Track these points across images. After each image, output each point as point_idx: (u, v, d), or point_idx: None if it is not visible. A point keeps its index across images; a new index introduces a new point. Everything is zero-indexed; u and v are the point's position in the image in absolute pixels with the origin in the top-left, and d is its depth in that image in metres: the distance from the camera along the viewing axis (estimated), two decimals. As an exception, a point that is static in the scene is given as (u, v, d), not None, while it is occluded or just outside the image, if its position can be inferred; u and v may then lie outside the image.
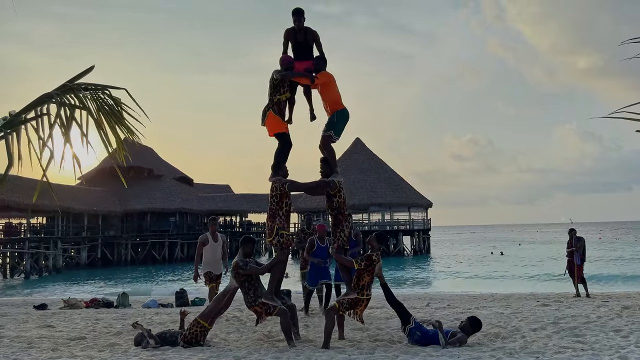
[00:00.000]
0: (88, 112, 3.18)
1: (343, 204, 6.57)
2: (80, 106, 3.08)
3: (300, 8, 6.73)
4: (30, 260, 36.61)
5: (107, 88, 3.36)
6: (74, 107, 3.03)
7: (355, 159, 52.58)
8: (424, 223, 51.83)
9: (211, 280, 9.10)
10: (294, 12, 6.70)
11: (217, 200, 55.90)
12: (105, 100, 3.40)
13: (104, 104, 3.38)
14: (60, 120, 2.97)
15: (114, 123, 3.40)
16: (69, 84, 3.14)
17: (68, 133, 2.97)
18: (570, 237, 13.95)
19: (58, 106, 2.96)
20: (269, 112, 6.61)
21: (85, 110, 3.09)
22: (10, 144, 2.97)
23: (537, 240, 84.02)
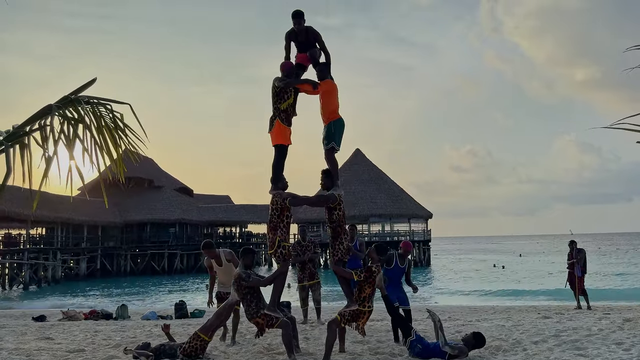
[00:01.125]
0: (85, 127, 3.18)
1: (343, 217, 6.56)
2: (79, 120, 3.08)
3: (300, 10, 6.67)
4: (29, 271, 36.50)
5: (110, 102, 3.34)
6: (76, 120, 3.04)
7: (355, 170, 52.64)
8: (424, 234, 51.77)
9: (221, 299, 8.62)
10: (294, 15, 6.67)
11: (217, 211, 55.83)
12: (105, 114, 3.39)
13: (103, 119, 3.37)
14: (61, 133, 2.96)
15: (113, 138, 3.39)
16: (71, 96, 3.15)
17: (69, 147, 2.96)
18: (571, 249, 13.90)
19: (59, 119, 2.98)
20: (276, 121, 6.56)
21: (83, 124, 3.08)
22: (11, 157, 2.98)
23: (537, 252, 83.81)
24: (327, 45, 6.89)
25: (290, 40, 6.88)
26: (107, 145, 3.36)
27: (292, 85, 6.62)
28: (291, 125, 6.69)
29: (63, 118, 3.00)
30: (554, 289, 23.78)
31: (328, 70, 6.77)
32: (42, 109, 3.01)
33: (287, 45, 6.90)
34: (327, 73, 6.75)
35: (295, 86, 6.69)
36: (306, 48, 6.84)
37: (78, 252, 44.33)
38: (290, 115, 6.66)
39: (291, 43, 6.90)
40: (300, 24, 6.66)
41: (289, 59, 6.89)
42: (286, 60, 6.82)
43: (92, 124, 3.21)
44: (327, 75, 6.73)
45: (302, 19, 6.65)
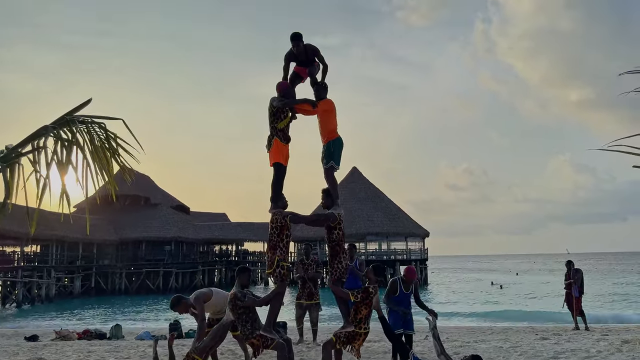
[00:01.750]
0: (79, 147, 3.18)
1: (342, 236, 6.54)
2: (73, 141, 3.08)
3: (299, 33, 6.76)
4: (23, 289, 36.13)
5: (104, 119, 3.33)
6: (70, 142, 3.03)
7: (352, 188, 52.66)
8: (421, 253, 51.60)
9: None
10: (292, 38, 6.75)
11: (213, 228, 55.61)
12: (99, 133, 3.37)
13: (97, 137, 3.34)
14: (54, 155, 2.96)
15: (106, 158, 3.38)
16: (67, 117, 3.14)
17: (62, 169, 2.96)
18: (568, 269, 13.86)
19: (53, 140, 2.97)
20: (274, 140, 6.59)
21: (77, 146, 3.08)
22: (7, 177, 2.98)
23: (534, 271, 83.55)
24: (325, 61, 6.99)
25: (289, 62, 6.95)
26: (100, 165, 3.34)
27: (290, 106, 6.67)
28: (289, 143, 6.70)
29: (58, 139, 2.99)
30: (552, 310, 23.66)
31: (325, 90, 6.83)
32: (37, 130, 3.00)
33: (285, 66, 6.97)
34: (325, 93, 6.81)
35: (294, 106, 6.74)
36: (307, 65, 6.93)
37: (72, 270, 43.95)
38: (287, 134, 6.68)
39: (290, 64, 6.97)
40: (299, 46, 6.74)
41: (286, 80, 6.95)
42: (283, 81, 6.88)
43: (85, 145, 3.20)
44: (325, 95, 6.78)
45: (300, 40, 6.74)
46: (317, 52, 6.88)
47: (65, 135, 3.11)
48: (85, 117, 3.29)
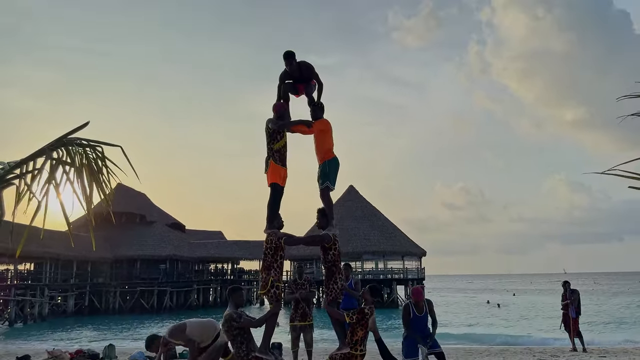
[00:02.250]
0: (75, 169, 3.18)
1: (338, 257, 6.51)
2: (70, 163, 3.08)
3: (291, 51, 6.75)
4: (16, 307, 35.73)
5: (102, 144, 3.33)
6: (66, 163, 3.03)
7: (349, 207, 52.62)
8: (417, 272, 51.34)
9: None
10: (285, 57, 6.75)
11: (209, 247, 55.31)
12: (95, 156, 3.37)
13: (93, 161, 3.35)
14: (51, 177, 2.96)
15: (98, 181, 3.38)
16: (64, 139, 3.14)
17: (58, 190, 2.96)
18: (565, 290, 13.82)
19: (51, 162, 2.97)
20: (270, 161, 6.60)
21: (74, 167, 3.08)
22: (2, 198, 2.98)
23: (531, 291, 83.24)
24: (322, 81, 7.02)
25: (284, 81, 6.96)
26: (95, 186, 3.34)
27: (286, 127, 6.68)
28: (286, 166, 6.69)
29: (56, 161, 2.99)
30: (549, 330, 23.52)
31: (321, 110, 6.85)
32: (35, 152, 3.00)
33: (280, 84, 6.98)
34: (321, 113, 6.83)
35: (290, 127, 6.75)
36: (301, 83, 6.96)
37: (66, 289, 43.51)
38: (284, 155, 6.67)
39: (285, 83, 7.00)
40: (292, 64, 6.75)
41: (281, 100, 6.98)
42: (279, 102, 6.90)
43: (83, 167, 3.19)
44: (321, 115, 6.80)
45: (293, 59, 6.74)
46: (311, 70, 6.88)
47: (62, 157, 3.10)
48: (83, 140, 3.29)
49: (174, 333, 6.86)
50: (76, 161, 3.13)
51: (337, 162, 6.74)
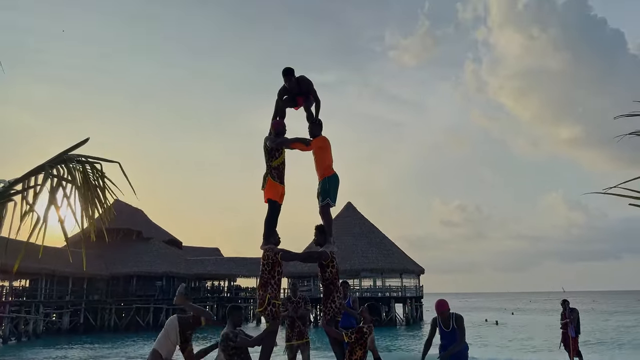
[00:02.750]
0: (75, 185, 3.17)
1: (336, 274, 6.45)
2: (69, 179, 3.07)
3: (290, 68, 6.78)
4: (10, 324, 35.35)
5: (100, 161, 3.32)
6: (66, 180, 3.03)
7: (347, 223, 52.52)
8: (416, 290, 51.07)
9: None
10: (284, 73, 6.78)
11: (206, 263, 54.99)
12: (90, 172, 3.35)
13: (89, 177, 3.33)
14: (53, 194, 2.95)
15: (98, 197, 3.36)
16: (63, 155, 3.14)
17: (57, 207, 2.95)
18: (564, 309, 13.74)
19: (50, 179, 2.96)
20: (268, 178, 6.59)
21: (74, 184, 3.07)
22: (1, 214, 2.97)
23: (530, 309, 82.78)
24: (321, 100, 7.03)
25: (282, 97, 6.98)
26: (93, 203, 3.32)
27: (284, 144, 6.68)
28: (284, 183, 6.66)
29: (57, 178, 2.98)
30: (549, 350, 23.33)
31: (320, 127, 6.87)
32: (34, 169, 2.99)
33: (279, 100, 6.98)
34: (320, 130, 6.84)
35: (288, 145, 6.76)
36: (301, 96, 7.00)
37: (61, 305, 43.09)
38: (282, 173, 6.66)
39: (284, 98, 7.02)
40: (291, 81, 6.78)
41: (278, 115, 6.98)
42: (278, 120, 6.89)
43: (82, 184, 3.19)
44: (320, 132, 6.82)
45: (292, 75, 6.77)
46: (310, 86, 6.91)
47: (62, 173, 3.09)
48: (82, 157, 3.28)
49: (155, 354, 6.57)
50: (77, 178, 3.12)
51: (337, 179, 6.73)
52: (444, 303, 7.40)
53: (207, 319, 6.56)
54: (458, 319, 7.37)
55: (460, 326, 7.33)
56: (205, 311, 6.75)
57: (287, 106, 7.03)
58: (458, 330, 7.26)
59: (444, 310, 7.33)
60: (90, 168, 3.32)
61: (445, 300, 7.42)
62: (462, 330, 7.31)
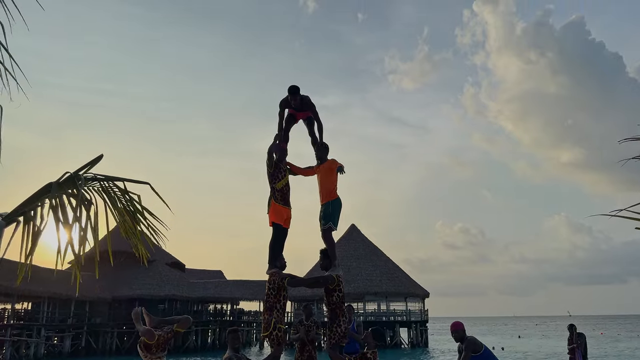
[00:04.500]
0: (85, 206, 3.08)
1: (342, 298, 6.40)
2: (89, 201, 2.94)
3: (296, 86, 6.83)
4: (11, 348, 35.02)
5: (125, 181, 3.16)
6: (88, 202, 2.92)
7: (350, 246, 52.23)
8: (421, 314, 50.44)
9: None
10: (291, 91, 6.80)
11: (208, 286, 54.58)
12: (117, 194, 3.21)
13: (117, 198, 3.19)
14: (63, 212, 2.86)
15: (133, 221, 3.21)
16: (79, 174, 3.02)
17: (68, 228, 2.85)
18: (571, 333, 13.55)
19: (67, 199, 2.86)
20: (271, 201, 6.56)
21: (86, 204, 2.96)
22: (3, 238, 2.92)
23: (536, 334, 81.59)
24: (324, 122, 7.07)
25: (284, 109, 7.02)
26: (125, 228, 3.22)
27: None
28: (289, 206, 6.62)
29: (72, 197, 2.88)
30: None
31: (327, 150, 6.88)
32: (42, 188, 2.90)
33: (281, 112, 7.00)
34: (327, 154, 6.86)
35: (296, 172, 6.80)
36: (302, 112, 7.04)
37: (63, 329, 42.71)
38: (286, 195, 6.61)
39: (285, 110, 7.06)
40: (296, 100, 6.85)
41: (281, 126, 6.97)
42: (278, 143, 6.88)
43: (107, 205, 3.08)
44: (327, 156, 6.84)
45: (298, 94, 6.84)
46: (313, 108, 6.98)
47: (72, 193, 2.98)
48: (100, 175, 3.14)
49: None
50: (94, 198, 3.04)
51: (340, 203, 6.72)
52: (455, 324, 7.19)
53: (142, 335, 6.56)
54: (466, 341, 7.09)
55: (465, 348, 7.05)
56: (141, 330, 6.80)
57: (288, 125, 7.05)
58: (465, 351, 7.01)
59: (453, 330, 7.12)
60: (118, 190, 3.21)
61: (460, 322, 7.20)
62: (465, 352, 7.03)
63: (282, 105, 6.99)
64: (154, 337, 6.39)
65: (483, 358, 6.87)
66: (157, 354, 6.50)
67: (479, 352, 6.86)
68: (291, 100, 6.84)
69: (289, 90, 6.84)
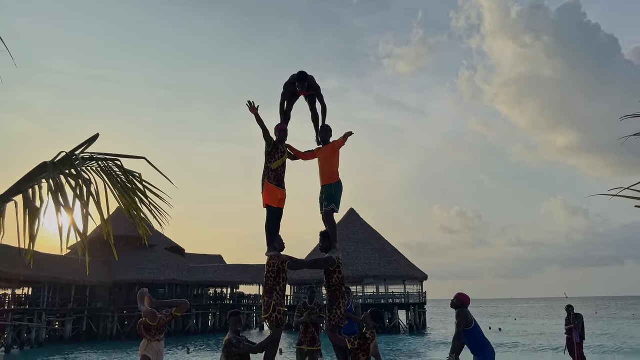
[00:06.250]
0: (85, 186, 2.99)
1: (341, 280, 6.42)
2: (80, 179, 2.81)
3: (304, 73, 6.81)
4: (12, 332, 35.27)
5: (120, 157, 3.05)
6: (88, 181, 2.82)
7: (349, 230, 52.39)
8: (419, 296, 50.83)
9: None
10: (299, 78, 6.77)
11: (208, 270, 54.87)
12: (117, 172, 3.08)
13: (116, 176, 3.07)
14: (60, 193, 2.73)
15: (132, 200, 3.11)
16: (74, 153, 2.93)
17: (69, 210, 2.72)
18: (568, 314, 13.67)
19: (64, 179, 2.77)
20: (265, 181, 6.49)
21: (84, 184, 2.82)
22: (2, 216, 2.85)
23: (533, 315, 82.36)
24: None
25: (288, 91, 6.98)
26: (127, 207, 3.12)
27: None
28: (283, 187, 6.54)
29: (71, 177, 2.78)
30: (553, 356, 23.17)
31: (330, 132, 6.86)
32: (36, 168, 2.80)
33: (284, 93, 6.97)
34: (329, 135, 6.83)
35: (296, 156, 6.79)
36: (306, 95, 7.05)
37: (64, 313, 42.98)
38: (281, 175, 6.53)
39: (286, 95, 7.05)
40: (303, 86, 6.83)
41: (283, 109, 6.96)
42: (280, 124, 6.86)
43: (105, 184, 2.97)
44: (328, 139, 6.81)
45: (305, 81, 6.82)
46: (317, 90, 6.96)
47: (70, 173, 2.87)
48: (96, 154, 3.03)
49: None
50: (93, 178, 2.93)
51: (341, 185, 6.70)
52: (461, 293, 7.33)
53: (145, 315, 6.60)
54: (460, 312, 7.29)
55: (457, 319, 7.24)
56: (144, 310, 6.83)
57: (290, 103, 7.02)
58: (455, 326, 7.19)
59: (456, 298, 7.25)
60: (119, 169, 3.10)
61: (466, 295, 7.32)
62: (457, 323, 7.21)
63: (286, 87, 6.95)
64: (156, 319, 6.43)
65: (471, 334, 7.01)
66: (156, 336, 6.56)
67: (469, 327, 7.03)
68: (298, 86, 6.82)
69: (297, 77, 6.80)
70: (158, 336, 6.61)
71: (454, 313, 7.33)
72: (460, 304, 7.23)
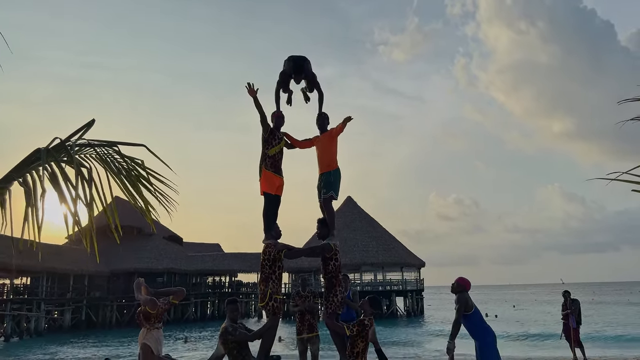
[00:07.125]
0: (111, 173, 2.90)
1: (339, 267, 6.43)
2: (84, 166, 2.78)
3: (301, 65, 6.80)
4: (12, 322, 35.37)
5: (119, 144, 2.99)
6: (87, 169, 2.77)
7: (347, 217, 52.48)
8: (416, 283, 51.10)
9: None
10: (296, 72, 6.78)
11: (206, 259, 54.99)
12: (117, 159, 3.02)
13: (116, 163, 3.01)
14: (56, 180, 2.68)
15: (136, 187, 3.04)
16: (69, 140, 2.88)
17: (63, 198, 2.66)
18: (565, 300, 13.75)
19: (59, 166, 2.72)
20: (262, 168, 6.47)
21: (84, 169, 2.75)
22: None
23: (531, 301, 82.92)
24: None
25: (283, 80, 6.94)
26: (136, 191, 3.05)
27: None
28: (280, 174, 6.54)
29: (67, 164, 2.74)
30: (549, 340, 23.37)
31: (327, 120, 6.84)
32: (30, 155, 2.74)
33: (280, 81, 6.93)
34: (326, 124, 6.81)
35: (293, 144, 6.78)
36: None
37: (63, 303, 43.09)
38: (278, 162, 6.51)
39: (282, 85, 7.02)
40: (300, 81, 6.90)
41: (278, 98, 6.94)
42: (276, 110, 6.83)
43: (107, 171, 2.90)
44: (326, 126, 6.79)
45: (302, 74, 6.84)
46: (314, 79, 6.95)
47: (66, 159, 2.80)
48: (93, 141, 2.96)
49: None
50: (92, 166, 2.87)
51: (340, 173, 6.69)
52: (462, 278, 7.18)
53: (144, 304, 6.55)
54: (459, 298, 7.12)
55: (457, 304, 7.12)
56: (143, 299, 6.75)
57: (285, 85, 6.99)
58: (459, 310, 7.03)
59: (457, 282, 7.12)
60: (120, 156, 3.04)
61: (468, 280, 7.16)
62: (458, 308, 7.09)
63: (282, 76, 6.91)
64: (156, 307, 6.44)
65: (472, 319, 7.00)
66: (156, 324, 6.57)
67: (469, 312, 6.97)
68: (296, 80, 6.87)
69: (294, 70, 6.77)
70: (157, 325, 6.62)
71: (454, 298, 7.31)
72: (461, 289, 7.19)
